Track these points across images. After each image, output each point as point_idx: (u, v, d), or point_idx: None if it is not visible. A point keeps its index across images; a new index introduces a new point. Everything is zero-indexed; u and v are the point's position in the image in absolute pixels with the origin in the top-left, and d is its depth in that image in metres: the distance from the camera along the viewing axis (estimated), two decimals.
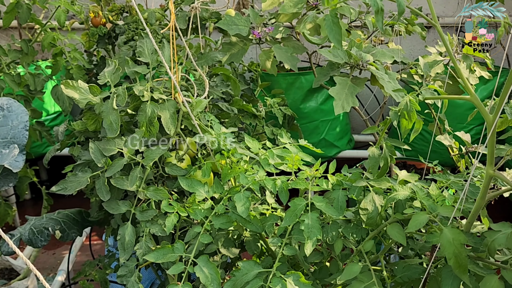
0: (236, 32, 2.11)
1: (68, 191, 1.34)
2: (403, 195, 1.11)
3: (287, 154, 1.40)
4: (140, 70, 1.42)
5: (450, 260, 0.98)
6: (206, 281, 1.17)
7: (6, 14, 2.17)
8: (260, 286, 1.12)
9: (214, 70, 2.01)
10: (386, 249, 1.25)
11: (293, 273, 1.14)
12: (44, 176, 3.56)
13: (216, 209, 1.29)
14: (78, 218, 1.62)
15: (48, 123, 2.93)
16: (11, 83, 2.13)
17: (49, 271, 2.74)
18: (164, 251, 1.23)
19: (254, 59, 3.21)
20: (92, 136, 1.50)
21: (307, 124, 2.84)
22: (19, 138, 1.32)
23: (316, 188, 1.28)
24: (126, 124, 1.43)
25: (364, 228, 1.23)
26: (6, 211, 2.20)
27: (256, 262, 1.17)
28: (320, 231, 1.15)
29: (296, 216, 1.18)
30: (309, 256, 1.43)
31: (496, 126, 0.93)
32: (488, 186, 1.02)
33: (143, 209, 1.32)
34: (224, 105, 1.75)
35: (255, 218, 1.28)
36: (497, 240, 0.99)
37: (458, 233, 0.99)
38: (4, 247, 1.52)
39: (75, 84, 1.35)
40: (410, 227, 1.06)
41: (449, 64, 1.86)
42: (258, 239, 1.43)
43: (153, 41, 1.21)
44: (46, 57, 3.36)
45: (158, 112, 1.35)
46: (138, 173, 1.32)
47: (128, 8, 2.59)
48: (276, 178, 1.31)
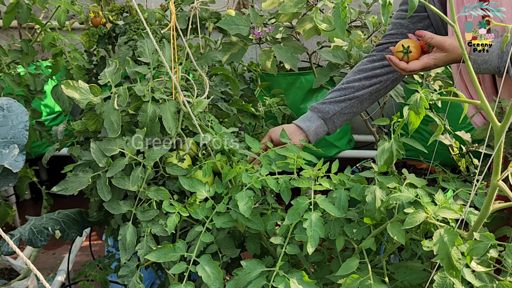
0: (236, 31, 2.11)
1: (69, 192, 1.33)
2: (406, 197, 1.10)
3: (288, 153, 1.40)
4: (141, 70, 1.42)
5: (443, 261, 0.98)
6: (209, 280, 1.17)
7: (6, 14, 2.17)
8: (263, 285, 1.12)
9: (214, 70, 2.01)
10: (388, 252, 1.25)
11: (296, 272, 1.14)
12: (44, 176, 3.56)
13: (218, 208, 1.29)
14: (78, 218, 1.62)
15: (48, 123, 2.93)
16: (11, 83, 2.13)
17: (49, 271, 2.74)
18: (165, 250, 1.23)
19: (254, 59, 3.21)
20: (91, 136, 1.50)
21: None
22: (19, 138, 1.32)
23: (319, 188, 1.28)
24: (127, 124, 1.43)
25: (366, 228, 1.23)
26: (6, 211, 2.20)
27: (259, 261, 1.17)
28: (323, 230, 1.15)
29: (299, 215, 1.18)
30: (310, 255, 1.43)
31: (504, 135, 0.92)
32: (493, 197, 1.01)
33: (144, 209, 1.32)
34: (224, 105, 1.75)
35: (257, 217, 1.28)
36: (475, 249, 0.98)
37: (454, 235, 0.99)
38: (4, 247, 1.52)
39: (75, 84, 1.35)
40: (406, 224, 1.05)
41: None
42: (259, 238, 1.43)
43: (154, 41, 1.21)
44: (46, 57, 3.36)
45: (159, 112, 1.35)
46: (140, 173, 1.32)
47: (128, 8, 2.59)
48: (278, 177, 1.31)
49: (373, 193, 1.15)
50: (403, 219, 1.08)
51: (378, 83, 1.65)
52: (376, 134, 2.38)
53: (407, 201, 1.09)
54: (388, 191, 1.17)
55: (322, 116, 1.63)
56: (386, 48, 1.64)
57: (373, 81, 1.64)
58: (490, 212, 1.02)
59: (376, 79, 1.64)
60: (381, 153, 1.09)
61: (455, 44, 1.35)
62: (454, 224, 1.08)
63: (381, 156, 1.09)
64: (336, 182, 1.27)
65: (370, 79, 1.64)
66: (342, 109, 1.64)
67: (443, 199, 1.10)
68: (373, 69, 1.64)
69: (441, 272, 1.01)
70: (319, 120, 1.63)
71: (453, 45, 1.35)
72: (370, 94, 1.65)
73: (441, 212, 1.06)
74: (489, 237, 0.97)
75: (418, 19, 1.59)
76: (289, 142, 1.48)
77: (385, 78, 1.65)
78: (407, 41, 1.41)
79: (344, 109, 1.64)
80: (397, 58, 1.42)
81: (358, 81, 1.64)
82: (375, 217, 1.16)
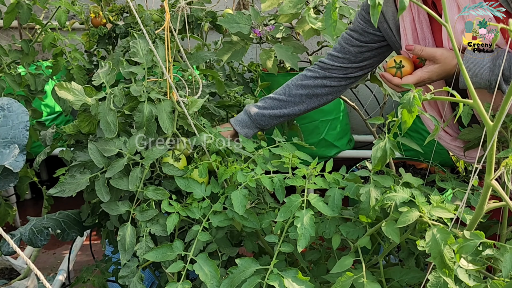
0: (237, 30, 2.11)
1: (66, 194, 1.33)
2: (401, 198, 1.11)
3: (283, 152, 1.41)
4: (135, 70, 1.41)
5: (435, 260, 0.98)
6: (206, 278, 1.18)
7: (6, 14, 2.18)
8: (257, 283, 1.12)
9: (201, 71, 2.01)
10: (385, 252, 1.25)
11: (290, 269, 1.14)
12: (44, 176, 3.57)
13: (214, 207, 1.30)
14: (79, 218, 1.62)
15: (48, 123, 2.94)
16: (11, 83, 2.14)
17: (50, 270, 2.75)
18: (163, 250, 1.24)
19: (254, 59, 3.21)
20: (83, 139, 1.49)
21: (307, 124, 2.84)
22: (19, 138, 1.33)
23: (313, 186, 1.28)
24: (121, 125, 1.43)
25: (362, 227, 1.24)
26: (7, 211, 2.20)
27: (253, 259, 1.17)
28: (314, 228, 1.15)
29: (290, 212, 1.19)
30: (307, 254, 1.43)
31: (497, 134, 0.92)
32: (487, 196, 1.01)
33: (143, 209, 1.33)
34: (212, 107, 1.75)
35: (252, 215, 1.28)
36: (464, 248, 0.98)
37: (446, 233, 0.99)
38: (4, 247, 1.53)
39: (68, 86, 1.34)
40: (399, 223, 1.06)
41: None
42: (255, 237, 1.44)
43: (150, 41, 1.21)
44: (46, 57, 3.37)
45: (155, 112, 1.35)
46: (138, 173, 1.32)
47: (128, 9, 2.60)
48: (273, 176, 1.32)
49: (368, 192, 1.16)
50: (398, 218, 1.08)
51: (318, 100, 1.67)
52: (375, 134, 2.38)
53: (402, 201, 1.10)
54: (383, 190, 1.17)
55: (260, 127, 1.68)
56: (329, 69, 1.63)
57: (313, 99, 1.67)
58: (484, 211, 1.03)
59: (316, 99, 1.67)
60: (375, 152, 1.10)
61: (446, 54, 1.32)
62: (449, 224, 1.08)
63: (375, 154, 1.09)
64: (330, 181, 1.28)
65: (310, 97, 1.66)
66: (279, 121, 1.70)
67: (438, 199, 1.10)
68: (315, 87, 1.65)
69: (435, 271, 1.01)
70: (256, 129, 1.68)
71: (445, 55, 1.32)
72: (307, 108, 1.68)
73: (435, 211, 1.07)
74: (479, 235, 0.97)
75: (366, 49, 1.57)
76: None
77: (324, 98, 1.67)
78: (398, 56, 1.38)
79: (280, 119, 1.69)
80: (390, 75, 1.38)
81: (299, 96, 1.66)
82: (369, 215, 1.16)
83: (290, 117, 1.70)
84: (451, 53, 1.32)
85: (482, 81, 1.28)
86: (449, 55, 1.32)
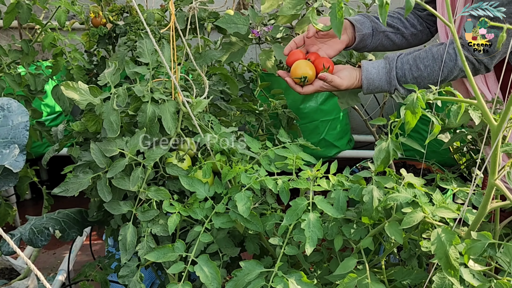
0: (234, 30, 2.11)
1: (69, 193, 1.34)
2: (404, 198, 1.11)
3: (287, 153, 1.41)
4: (140, 70, 1.42)
5: (441, 260, 0.98)
6: (206, 280, 1.17)
7: (6, 14, 2.17)
8: (262, 285, 1.12)
9: (212, 69, 2.01)
10: (387, 252, 1.25)
11: (295, 272, 1.14)
12: (44, 176, 3.56)
13: (217, 208, 1.29)
14: (79, 218, 1.62)
15: (48, 123, 2.93)
16: (11, 83, 2.13)
17: (50, 270, 2.74)
18: (164, 250, 1.24)
19: (254, 59, 3.21)
20: (91, 137, 1.50)
21: (307, 124, 2.84)
22: (19, 138, 1.32)
23: (317, 188, 1.28)
24: (126, 125, 1.43)
25: (364, 228, 1.23)
26: (7, 211, 2.20)
27: (258, 262, 1.17)
28: (321, 230, 1.15)
29: (297, 215, 1.18)
30: (309, 255, 1.43)
31: (502, 134, 0.92)
32: (490, 196, 1.01)
33: (144, 209, 1.33)
34: (223, 104, 1.75)
35: (255, 218, 1.28)
36: (473, 249, 0.98)
37: (451, 234, 0.99)
38: (4, 247, 1.52)
39: (75, 85, 1.35)
40: (404, 223, 1.05)
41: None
42: (258, 239, 1.43)
43: (154, 41, 1.21)
44: (46, 57, 3.36)
45: (158, 112, 1.35)
46: (140, 173, 1.32)
47: (129, 9, 2.60)
48: (277, 178, 1.31)
49: (370, 193, 1.16)
50: (401, 219, 1.08)
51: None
52: (375, 134, 2.38)
53: (405, 201, 1.10)
54: (385, 191, 1.17)
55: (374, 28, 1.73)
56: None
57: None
58: (487, 211, 1.03)
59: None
60: (378, 153, 1.10)
61: (349, 85, 1.51)
62: (452, 224, 1.08)
63: (378, 155, 1.09)
64: (335, 183, 1.28)
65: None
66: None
67: (440, 199, 1.10)
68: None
69: (439, 272, 1.01)
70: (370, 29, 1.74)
71: (348, 86, 1.51)
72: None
73: (438, 211, 1.07)
74: (487, 236, 0.97)
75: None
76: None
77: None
78: (304, 64, 1.51)
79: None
80: (292, 81, 1.55)
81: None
82: (372, 216, 1.16)
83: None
84: (354, 81, 1.52)
85: (383, 91, 1.52)
86: (351, 84, 1.52)
